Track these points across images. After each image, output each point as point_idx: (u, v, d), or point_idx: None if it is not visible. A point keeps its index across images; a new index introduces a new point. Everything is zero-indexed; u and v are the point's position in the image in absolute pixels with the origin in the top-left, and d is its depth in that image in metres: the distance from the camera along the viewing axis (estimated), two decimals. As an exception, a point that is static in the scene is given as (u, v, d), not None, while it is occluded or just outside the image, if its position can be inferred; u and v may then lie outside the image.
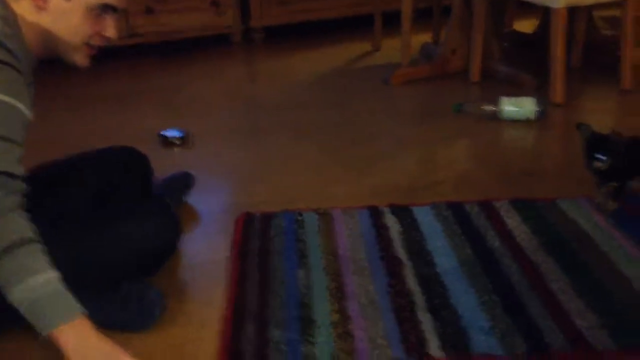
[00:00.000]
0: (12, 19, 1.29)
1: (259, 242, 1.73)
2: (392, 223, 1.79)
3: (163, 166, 2.04)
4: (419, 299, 1.46)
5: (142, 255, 1.46)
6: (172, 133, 2.51)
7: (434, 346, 1.31)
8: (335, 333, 1.36)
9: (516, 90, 2.71)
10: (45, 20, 1.33)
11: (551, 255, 1.60)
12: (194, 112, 2.88)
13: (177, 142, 2.49)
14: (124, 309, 1.42)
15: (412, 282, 1.52)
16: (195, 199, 1.99)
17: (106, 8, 1.36)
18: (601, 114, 2.67)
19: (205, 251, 1.74)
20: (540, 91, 2.69)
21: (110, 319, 1.41)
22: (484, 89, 2.97)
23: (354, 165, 2.25)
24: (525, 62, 3.08)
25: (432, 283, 1.52)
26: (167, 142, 2.49)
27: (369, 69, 3.37)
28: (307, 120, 2.71)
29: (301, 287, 1.52)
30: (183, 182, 1.98)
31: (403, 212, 1.84)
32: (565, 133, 2.55)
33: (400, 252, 1.65)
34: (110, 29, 1.38)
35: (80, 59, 1.40)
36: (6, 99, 1.20)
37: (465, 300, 1.45)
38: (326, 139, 2.51)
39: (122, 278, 1.44)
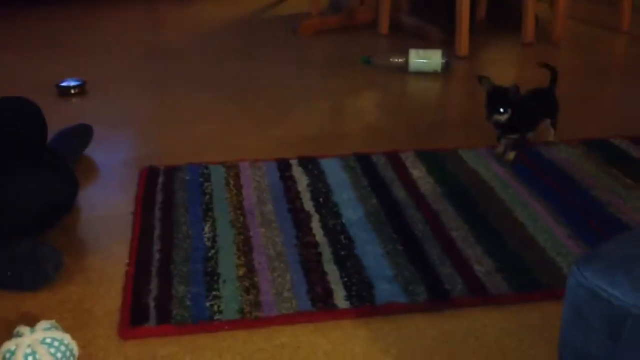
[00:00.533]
0: None
1: (162, 196, 1.69)
2: (299, 175, 1.79)
3: (60, 118, 1.94)
4: (326, 250, 1.47)
5: (36, 211, 1.39)
6: (69, 82, 2.39)
7: (339, 297, 1.32)
8: (241, 286, 1.35)
9: (423, 43, 2.74)
10: None
11: (452, 205, 1.64)
12: (94, 60, 2.75)
13: (75, 91, 2.37)
14: (15, 267, 1.35)
15: (319, 234, 1.53)
16: (94, 152, 1.91)
17: None
18: (504, 66, 2.75)
19: (106, 206, 1.68)
20: (446, 44, 2.73)
21: (1, 279, 1.34)
22: (392, 41, 2.98)
23: (261, 117, 2.22)
24: (432, 15, 3.11)
25: (338, 234, 1.53)
26: (64, 92, 2.37)
27: (277, 19, 3.32)
28: (212, 70, 2.64)
29: (206, 241, 1.50)
30: (81, 134, 1.89)
31: (310, 164, 1.84)
32: (469, 85, 2.61)
33: (308, 204, 1.65)
34: None
35: None
36: None
37: (371, 250, 1.47)
38: (232, 89, 2.46)
39: (14, 235, 1.37)
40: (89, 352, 1.20)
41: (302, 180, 1.76)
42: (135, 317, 1.27)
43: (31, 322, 1.24)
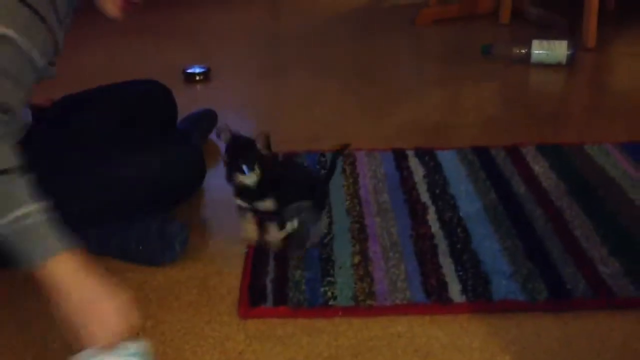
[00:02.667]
0: None
1: (281, 182, 1.73)
2: (415, 166, 1.77)
3: (186, 102, 2.03)
4: (441, 242, 1.46)
5: (166, 189, 1.46)
6: (194, 69, 2.49)
7: (455, 290, 1.30)
8: (356, 274, 1.36)
9: (546, 32, 2.64)
10: None
11: (577, 202, 1.58)
12: (217, 47, 2.85)
13: (200, 78, 2.47)
14: (146, 242, 1.43)
15: (435, 226, 1.51)
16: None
17: None
18: (633, 58, 2.60)
19: (228, 188, 1.73)
20: (571, 34, 2.62)
21: (132, 253, 1.43)
22: (513, 30, 2.89)
23: (377, 105, 2.22)
24: (556, 4, 2.98)
25: (454, 227, 1.51)
26: (189, 78, 2.47)
27: (395, 8, 3.30)
28: (330, 58, 2.67)
29: (322, 228, 1.52)
30: (206, 119, 1.97)
31: (427, 155, 1.82)
32: (594, 78, 2.49)
33: (424, 196, 1.64)
34: None
35: (111, 9, 1.34)
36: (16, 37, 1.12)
37: (488, 245, 1.44)
38: (350, 77, 2.47)
39: (146, 211, 1.45)
40: (212, 327, 1.25)
41: (418, 172, 1.75)
42: (254, 298, 1.31)
43: (160, 294, 1.32)
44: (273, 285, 1.34)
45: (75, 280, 1.04)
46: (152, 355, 1.07)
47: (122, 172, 1.41)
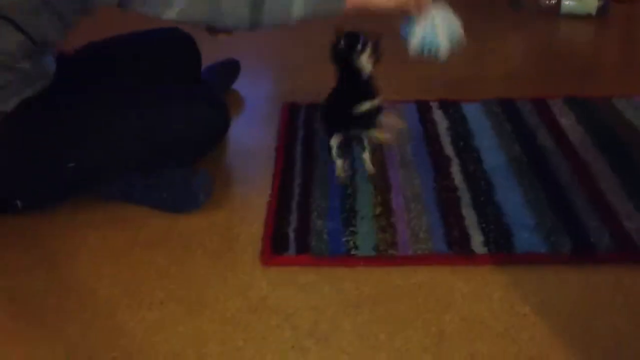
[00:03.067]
0: None
1: (303, 132, 1.72)
2: (439, 118, 1.76)
3: (208, 51, 2.01)
4: (464, 195, 1.45)
5: (191, 143, 1.46)
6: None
7: (477, 242, 1.30)
8: (378, 225, 1.37)
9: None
10: None
11: (604, 156, 1.56)
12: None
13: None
14: (171, 191, 1.44)
15: (458, 178, 1.51)
16: (240, 85, 1.98)
17: None
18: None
19: (251, 138, 1.74)
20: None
21: (158, 200, 1.44)
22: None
23: (402, 57, 2.19)
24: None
25: (478, 180, 1.50)
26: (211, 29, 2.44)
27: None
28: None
29: (347, 179, 1.52)
30: (230, 69, 1.96)
31: (451, 108, 1.80)
32: (626, 30, 2.42)
33: (447, 148, 1.62)
34: None
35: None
36: None
37: (511, 197, 1.43)
38: (372, 26, 2.43)
39: (171, 161, 1.46)
40: (235, 275, 1.27)
41: (442, 124, 1.73)
42: (276, 246, 1.32)
43: (185, 241, 1.34)
44: (295, 234, 1.35)
45: None
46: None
47: (147, 127, 1.41)
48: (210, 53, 2.00)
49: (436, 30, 1.38)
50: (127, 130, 1.40)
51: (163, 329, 1.15)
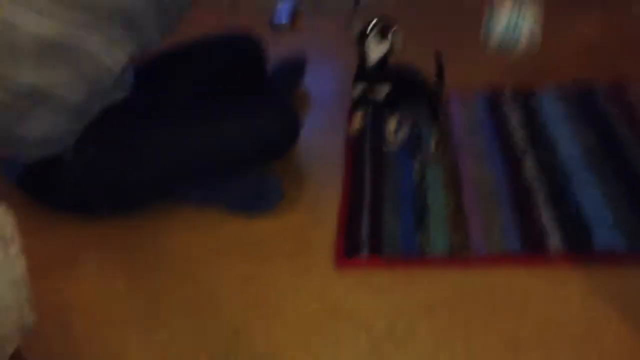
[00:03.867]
0: None
1: (370, 129, 1.71)
2: (512, 108, 1.71)
3: (277, 47, 2.03)
4: (539, 190, 1.42)
5: (263, 150, 1.48)
6: (280, 16, 2.47)
7: (554, 240, 1.28)
8: (450, 224, 1.36)
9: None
10: None
11: (687, 145, 1.50)
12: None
13: (286, 26, 2.45)
14: (245, 194, 1.48)
15: (532, 172, 1.48)
16: (308, 82, 1.99)
17: None
18: None
19: (320, 137, 1.75)
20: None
21: (233, 203, 1.48)
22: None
23: (472, 38, 2.14)
24: None
25: (553, 173, 1.46)
26: (275, 26, 2.45)
27: None
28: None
29: (415, 176, 1.51)
30: (296, 66, 1.96)
31: (524, 96, 1.75)
32: None
33: (521, 140, 1.59)
34: None
35: None
36: None
37: (589, 192, 1.39)
38: (437, 11, 2.38)
39: (245, 167, 1.49)
40: (309, 278, 1.29)
41: (515, 114, 1.69)
42: (349, 249, 1.34)
43: (260, 245, 1.37)
44: (368, 236, 1.36)
45: None
46: None
47: (222, 142, 1.45)
48: (280, 48, 2.02)
49: (519, 29, 1.36)
50: (204, 146, 1.44)
51: (244, 332, 1.19)
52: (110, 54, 1.35)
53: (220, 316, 1.23)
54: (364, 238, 1.36)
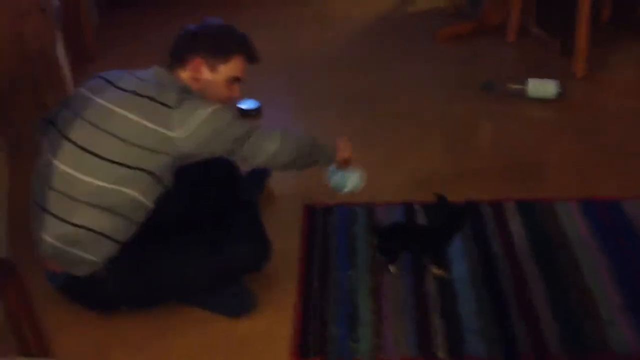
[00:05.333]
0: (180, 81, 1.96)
1: (320, 238, 2.29)
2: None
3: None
4: (436, 303, 2.02)
5: (241, 270, 2.07)
6: (248, 105, 2.97)
7: (439, 346, 1.89)
8: (372, 331, 1.95)
9: (545, 54, 3.06)
10: (197, 87, 1.96)
11: (538, 265, 2.11)
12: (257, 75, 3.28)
13: (253, 113, 2.96)
14: (225, 303, 2.05)
15: (433, 286, 2.08)
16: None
17: (236, 79, 2.01)
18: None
19: (281, 240, 2.25)
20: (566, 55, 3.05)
21: (219, 309, 2.06)
22: (516, 52, 3.32)
23: (391, 149, 2.72)
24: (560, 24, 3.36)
25: (447, 288, 2.06)
26: (244, 113, 2.95)
27: (414, 17, 3.69)
28: (356, 87, 3.14)
29: (350, 285, 2.09)
30: (263, 173, 2.51)
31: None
32: (581, 114, 2.93)
33: (425, 257, 2.19)
34: (236, 92, 2.05)
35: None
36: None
37: (467, 306, 1.99)
38: (370, 116, 2.95)
39: (226, 282, 2.06)
40: (276, 376, 1.89)
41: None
42: (301, 352, 1.91)
43: (238, 345, 1.93)
44: (315, 340, 1.94)
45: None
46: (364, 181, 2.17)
47: (208, 267, 2.01)
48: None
49: (346, 180, 2.18)
50: (195, 270, 2.01)
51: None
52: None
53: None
54: (311, 342, 1.94)
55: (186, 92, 1.90)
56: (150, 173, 1.87)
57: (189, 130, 1.84)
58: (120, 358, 1.95)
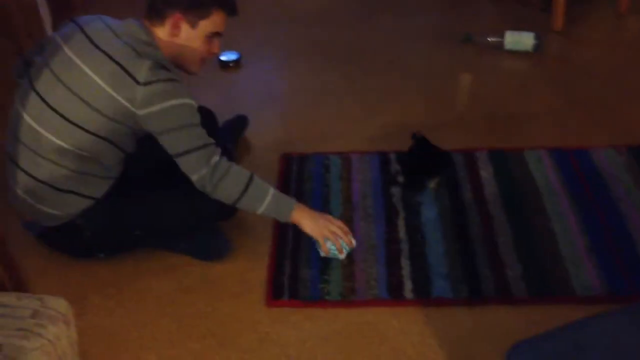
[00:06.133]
0: (156, 45, 1.90)
1: (295, 185, 2.34)
2: (397, 169, 2.37)
3: (220, 90, 2.56)
4: (405, 247, 2.09)
5: (213, 217, 2.11)
6: (229, 56, 3.00)
7: (408, 289, 1.96)
8: (343, 274, 2.02)
9: (523, 9, 3.09)
10: (177, 42, 1.94)
11: (506, 211, 2.18)
12: (247, 30, 3.30)
13: (232, 65, 2.99)
14: (201, 248, 2.11)
15: (402, 231, 2.14)
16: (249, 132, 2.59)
17: (216, 34, 1.98)
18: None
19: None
20: (545, 12, 3.07)
21: (194, 253, 2.11)
22: (495, 7, 3.33)
23: (369, 102, 2.76)
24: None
25: (416, 233, 2.13)
26: (224, 65, 2.99)
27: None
28: (336, 39, 3.16)
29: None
30: (240, 124, 2.55)
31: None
32: (558, 64, 2.97)
33: (398, 201, 2.25)
34: (216, 48, 2.02)
35: (195, 68, 2.04)
36: (193, 102, 1.90)
37: (435, 249, 2.07)
38: (349, 68, 2.98)
39: (200, 228, 2.11)
40: (249, 314, 1.93)
41: (400, 177, 2.34)
42: (275, 293, 1.99)
43: (215, 286, 1.99)
44: (288, 282, 2.01)
45: (312, 214, 2.00)
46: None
47: (183, 215, 2.06)
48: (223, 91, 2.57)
49: (337, 253, 2.05)
50: (169, 217, 2.06)
51: (203, 356, 1.84)
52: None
53: (187, 343, 1.88)
54: (285, 284, 2.01)
55: (160, 68, 1.83)
56: (110, 142, 1.90)
57: (152, 115, 1.83)
58: (97, 300, 2.01)
